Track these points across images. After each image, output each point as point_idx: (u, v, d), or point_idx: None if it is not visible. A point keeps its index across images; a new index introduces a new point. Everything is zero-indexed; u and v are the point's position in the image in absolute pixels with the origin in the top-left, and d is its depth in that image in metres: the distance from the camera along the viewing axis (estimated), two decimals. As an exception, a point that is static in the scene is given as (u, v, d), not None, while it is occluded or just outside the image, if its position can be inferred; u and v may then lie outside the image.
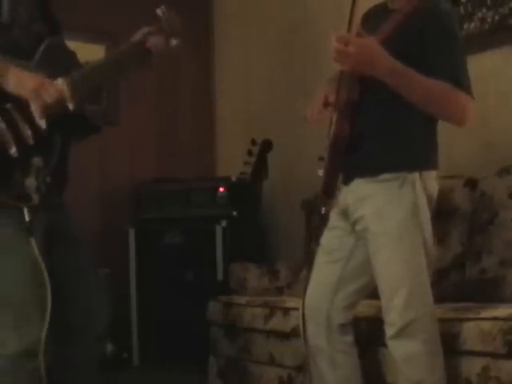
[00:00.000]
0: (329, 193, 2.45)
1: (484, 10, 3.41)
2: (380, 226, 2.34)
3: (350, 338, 2.54)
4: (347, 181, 2.43)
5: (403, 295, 2.31)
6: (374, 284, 2.44)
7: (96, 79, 2.41)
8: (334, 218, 2.49)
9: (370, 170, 2.37)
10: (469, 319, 2.46)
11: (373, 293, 2.58)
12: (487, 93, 3.34)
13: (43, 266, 2.16)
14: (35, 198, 2.16)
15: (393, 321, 2.33)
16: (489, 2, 3.39)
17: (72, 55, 2.46)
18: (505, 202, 2.97)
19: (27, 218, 2.14)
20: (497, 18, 3.36)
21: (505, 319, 2.35)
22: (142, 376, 4.16)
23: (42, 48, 2.27)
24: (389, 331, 2.35)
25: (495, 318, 2.38)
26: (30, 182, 2.16)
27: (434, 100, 2.27)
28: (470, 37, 3.39)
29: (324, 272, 2.50)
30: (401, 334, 2.31)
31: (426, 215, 2.36)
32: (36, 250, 2.15)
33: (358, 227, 2.41)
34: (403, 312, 2.31)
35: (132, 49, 2.44)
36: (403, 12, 2.33)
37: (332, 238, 2.51)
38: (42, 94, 2.15)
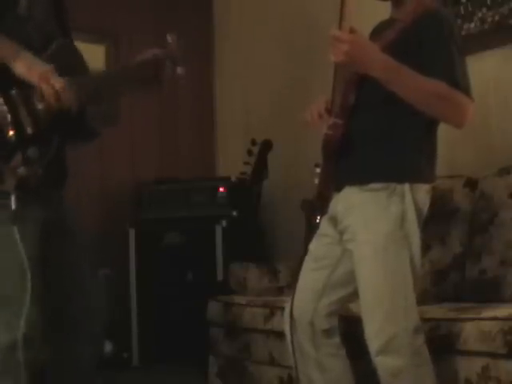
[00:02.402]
0: (324, 201, 2.42)
1: (484, 10, 3.41)
2: (366, 236, 2.30)
3: (336, 340, 2.51)
4: (338, 188, 2.41)
5: (386, 307, 2.27)
6: (358, 294, 2.39)
7: (99, 87, 2.42)
8: (324, 225, 2.46)
9: (360, 177, 2.33)
10: (469, 319, 2.46)
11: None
12: (487, 93, 3.34)
13: (25, 257, 2.16)
14: (24, 188, 2.16)
15: (374, 334, 2.28)
16: (489, 1, 3.39)
17: (81, 59, 2.47)
18: (505, 202, 2.97)
19: (13, 207, 2.13)
20: (497, 18, 3.36)
21: (505, 319, 2.35)
22: (142, 376, 4.16)
23: (53, 47, 2.29)
24: (371, 346, 2.29)
25: (495, 318, 2.38)
26: (22, 171, 2.16)
27: (430, 98, 2.24)
28: (469, 37, 3.39)
29: (309, 279, 2.48)
30: (384, 349, 2.26)
31: (413, 228, 2.30)
32: (18, 239, 2.15)
33: (345, 237, 2.38)
34: (385, 325, 2.26)
35: (140, 67, 2.45)
36: (405, 20, 2.33)
37: (320, 245, 2.48)
38: (50, 80, 2.17)
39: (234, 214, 4.27)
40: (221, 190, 4.33)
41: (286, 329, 2.52)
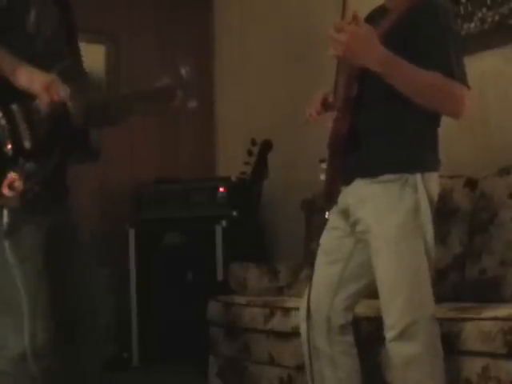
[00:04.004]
0: (331, 197, 2.43)
1: (484, 10, 3.41)
2: (380, 228, 2.33)
3: (350, 339, 2.54)
4: (347, 181, 2.42)
5: (403, 297, 2.30)
6: (373, 285, 2.42)
7: (107, 108, 2.42)
8: (334, 218, 2.47)
9: (371, 170, 2.35)
10: (469, 319, 2.46)
11: (373, 293, 2.59)
12: (487, 92, 3.34)
13: (18, 271, 2.16)
14: (19, 202, 2.16)
15: (392, 323, 2.31)
16: (489, 1, 3.39)
17: (86, 80, 2.48)
18: (505, 202, 2.97)
19: (6, 219, 2.14)
20: (497, 17, 3.36)
21: (505, 319, 2.35)
22: (142, 376, 4.16)
23: (57, 66, 2.29)
24: (388, 334, 2.33)
25: (495, 318, 2.39)
26: (18, 185, 2.15)
27: (427, 90, 2.24)
28: (470, 37, 3.39)
29: (324, 273, 2.50)
30: (401, 336, 2.29)
31: (427, 218, 2.33)
32: (8, 254, 2.15)
33: (358, 228, 2.40)
34: (403, 314, 2.29)
35: (153, 93, 2.45)
36: (400, 10, 2.33)
37: (331, 238, 2.50)
38: (51, 91, 2.17)
39: (234, 213, 4.27)
40: (221, 190, 4.33)
41: (302, 325, 2.54)
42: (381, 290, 2.36)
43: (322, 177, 2.42)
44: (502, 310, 2.45)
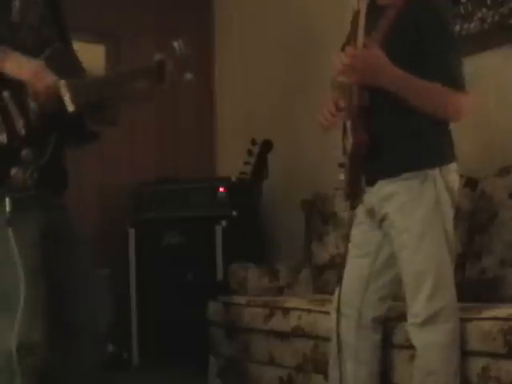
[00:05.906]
0: (353, 197, 2.49)
1: (484, 10, 3.41)
2: (404, 223, 2.40)
3: (378, 337, 2.59)
4: (370, 182, 2.48)
5: (428, 288, 2.36)
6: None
7: (98, 90, 2.40)
8: (361, 215, 2.55)
9: (392, 171, 2.42)
10: (469, 319, 2.46)
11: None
12: (487, 93, 3.34)
13: (20, 261, 2.15)
14: (20, 190, 2.16)
15: (417, 312, 2.38)
16: (489, 1, 3.39)
17: (77, 63, 2.47)
18: (505, 202, 2.97)
19: (8, 209, 2.14)
20: (497, 17, 3.36)
21: (505, 319, 2.36)
22: (142, 376, 4.16)
23: (46, 52, 2.29)
24: (411, 320, 2.40)
25: (495, 318, 2.39)
26: (16, 173, 2.15)
27: (430, 101, 2.35)
28: (470, 37, 3.39)
29: (355, 266, 2.56)
30: (423, 324, 2.36)
31: (447, 210, 2.41)
32: (13, 243, 2.15)
33: (385, 223, 2.47)
34: (428, 304, 2.36)
35: (143, 71, 2.44)
36: (396, 8, 2.36)
37: (360, 232, 2.57)
38: (39, 78, 2.17)
39: (234, 213, 4.27)
40: (221, 190, 4.33)
41: (333, 316, 2.57)
42: (406, 282, 2.43)
43: (342, 176, 2.48)
44: (502, 310, 2.45)
